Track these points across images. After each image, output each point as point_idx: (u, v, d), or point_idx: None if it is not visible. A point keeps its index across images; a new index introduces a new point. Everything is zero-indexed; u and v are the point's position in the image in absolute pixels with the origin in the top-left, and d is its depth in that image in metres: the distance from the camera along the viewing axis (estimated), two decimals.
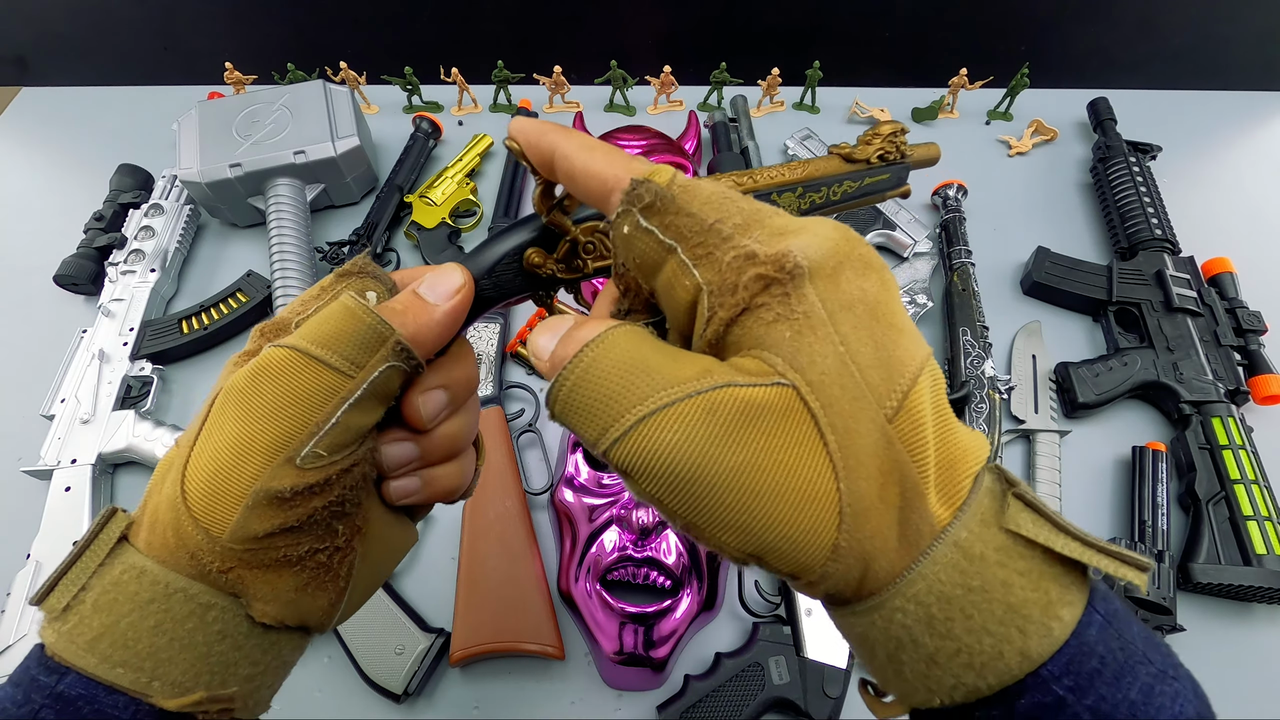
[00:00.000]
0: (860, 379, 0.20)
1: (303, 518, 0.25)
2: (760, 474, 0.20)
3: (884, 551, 0.20)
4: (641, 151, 0.78)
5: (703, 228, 0.22)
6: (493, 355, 0.69)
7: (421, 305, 0.27)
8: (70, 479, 0.62)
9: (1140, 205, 0.77)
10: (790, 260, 0.21)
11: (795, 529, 0.20)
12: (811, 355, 0.20)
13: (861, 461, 0.20)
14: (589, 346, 0.22)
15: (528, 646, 0.54)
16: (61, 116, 0.97)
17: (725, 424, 0.20)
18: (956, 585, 0.20)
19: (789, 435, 0.20)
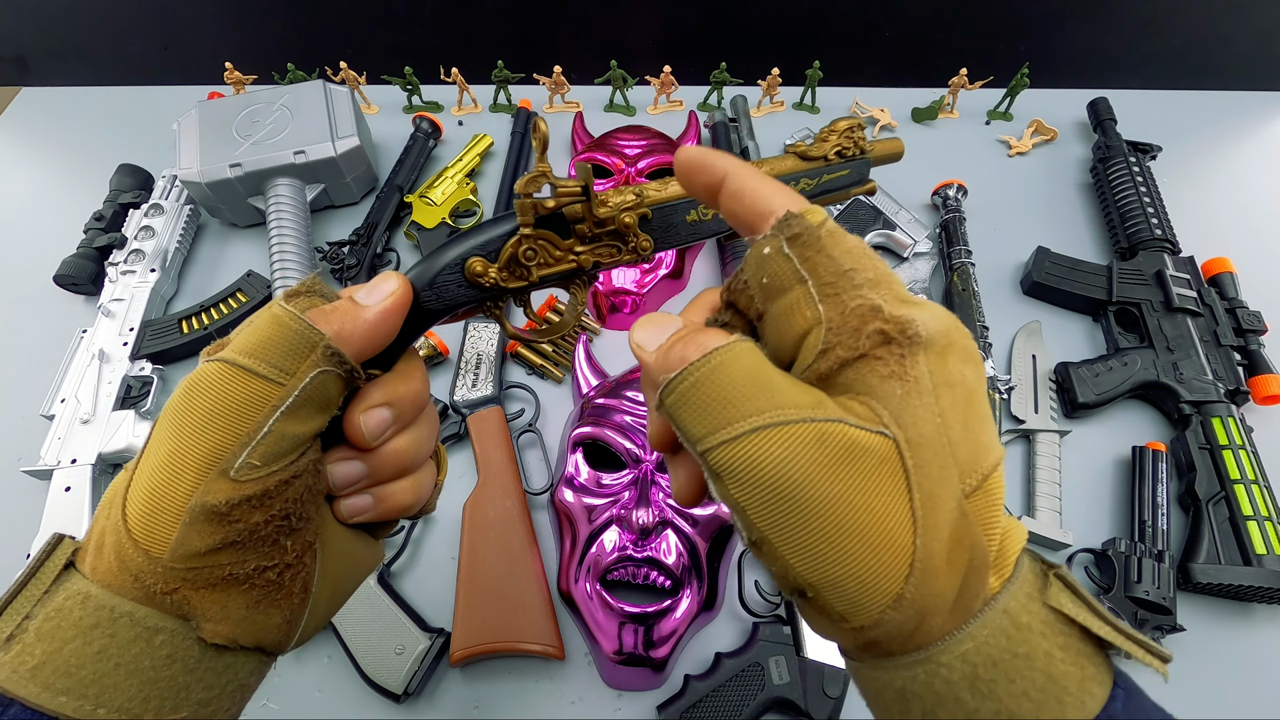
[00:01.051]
0: (950, 451, 0.22)
1: (244, 533, 0.24)
2: (850, 509, 0.21)
3: (941, 610, 0.21)
4: (641, 151, 0.78)
5: (838, 271, 0.23)
6: (493, 355, 0.69)
7: (351, 307, 0.27)
8: (70, 479, 0.62)
9: (1140, 205, 0.77)
10: (913, 327, 0.22)
11: (867, 570, 0.21)
12: (915, 417, 0.22)
13: (939, 524, 0.21)
14: (719, 351, 0.23)
15: (528, 646, 0.54)
16: (61, 116, 0.97)
17: (831, 455, 0.21)
18: (1004, 650, 0.21)
19: (883, 482, 0.21)
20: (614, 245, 0.32)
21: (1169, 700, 0.22)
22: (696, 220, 0.33)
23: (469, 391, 0.67)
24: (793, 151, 0.35)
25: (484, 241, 0.30)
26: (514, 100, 0.94)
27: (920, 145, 0.91)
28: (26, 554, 0.58)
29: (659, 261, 0.73)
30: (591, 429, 0.60)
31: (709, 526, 0.57)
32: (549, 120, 0.94)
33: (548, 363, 0.71)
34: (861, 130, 0.36)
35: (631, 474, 0.58)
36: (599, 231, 0.31)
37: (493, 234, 0.30)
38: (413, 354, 0.31)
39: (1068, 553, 0.61)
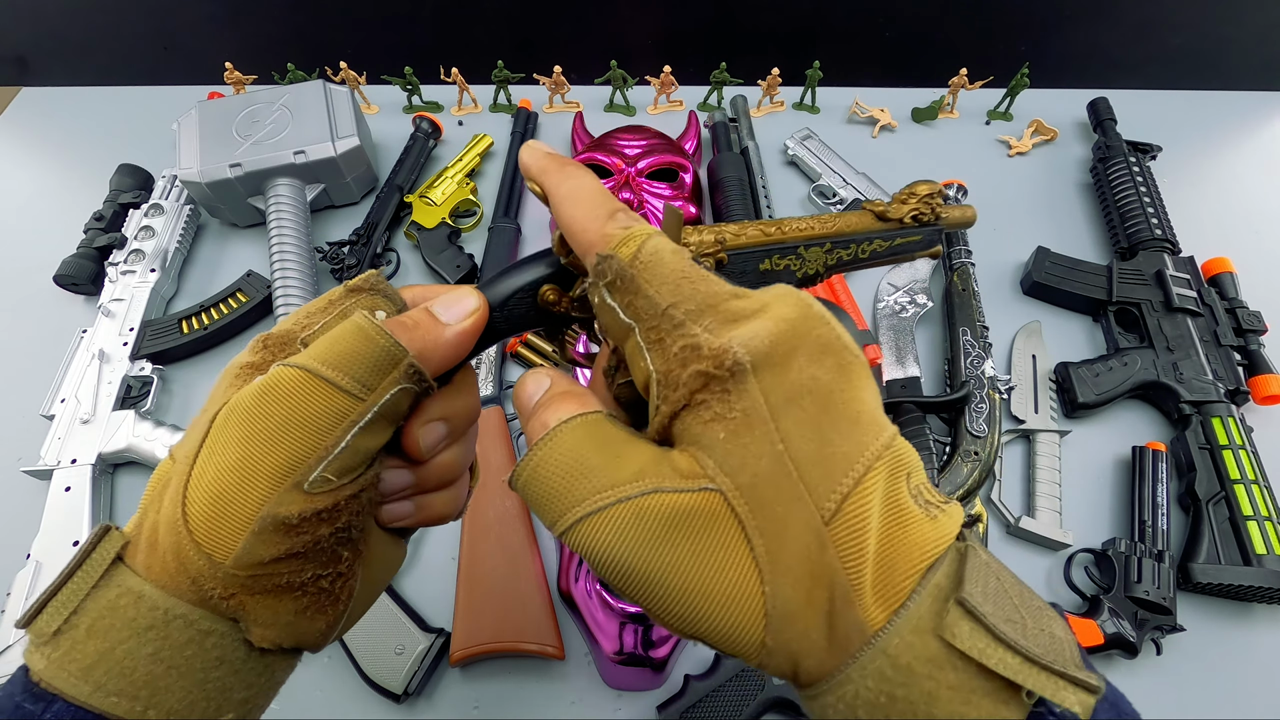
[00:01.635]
0: (798, 479, 0.21)
1: (309, 544, 0.24)
2: (686, 574, 0.21)
3: (811, 652, 0.20)
4: (641, 151, 0.78)
5: (657, 312, 0.22)
6: (493, 355, 0.69)
7: (434, 324, 0.27)
8: (70, 479, 0.62)
9: (1140, 205, 0.77)
10: (730, 357, 0.21)
11: (724, 624, 0.21)
12: (744, 458, 0.21)
13: (789, 566, 0.20)
14: (543, 441, 0.24)
15: (528, 646, 0.54)
16: (61, 116, 0.97)
17: (652, 529, 0.21)
18: (881, 694, 0.20)
19: (714, 539, 0.21)
20: None
21: (1169, 700, 0.22)
22: (768, 270, 0.33)
23: None
24: (870, 210, 0.35)
25: (556, 270, 0.30)
26: (514, 100, 0.94)
27: (920, 145, 0.91)
28: (26, 554, 0.58)
29: None
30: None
31: None
32: (548, 120, 0.94)
33: (548, 363, 0.71)
34: (940, 197, 0.36)
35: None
36: None
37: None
38: (468, 369, 0.31)
39: (1068, 553, 0.61)
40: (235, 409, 0.24)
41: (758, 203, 0.78)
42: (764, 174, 0.82)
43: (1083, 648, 0.21)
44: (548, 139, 0.92)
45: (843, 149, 0.86)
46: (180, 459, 0.25)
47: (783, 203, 0.84)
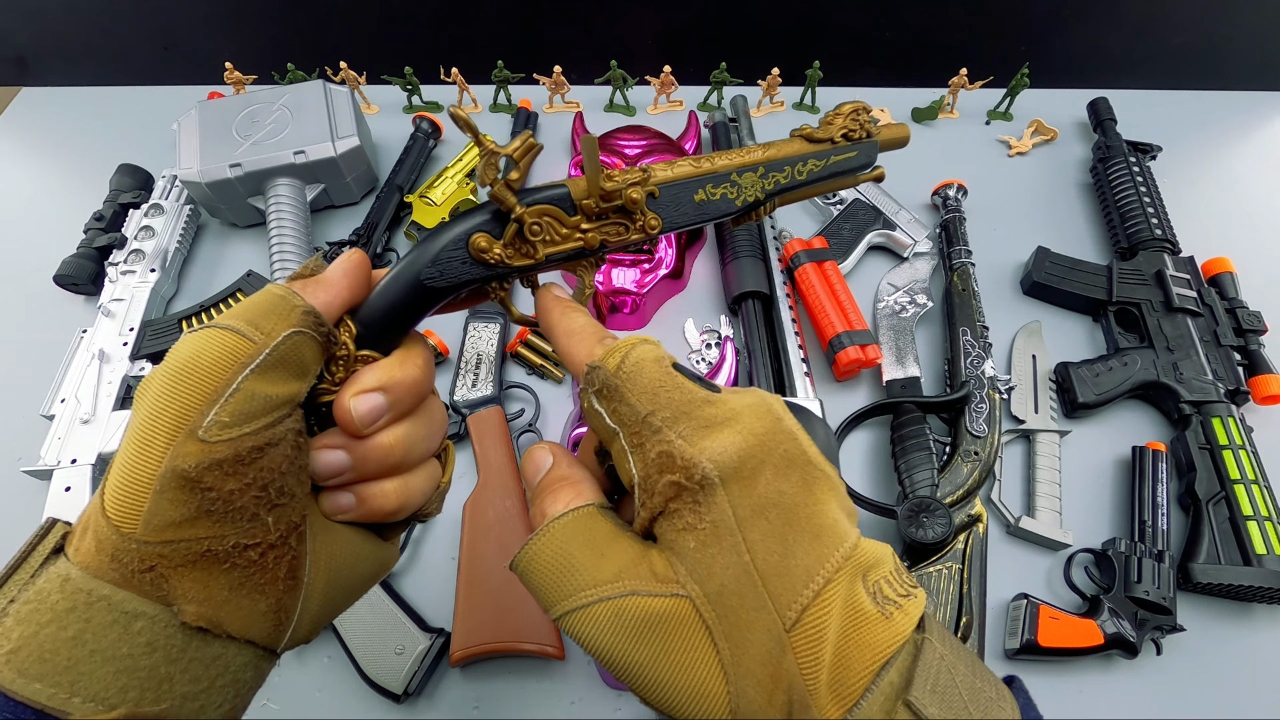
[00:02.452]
0: (762, 588, 0.22)
1: (217, 502, 0.23)
2: (659, 671, 0.22)
3: None
4: (641, 151, 0.78)
5: (638, 419, 0.24)
6: (493, 355, 0.69)
7: (327, 274, 0.28)
8: (70, 479, 0.62)
9: (1140, 205, 0.77)
10: (699, 471, 0.23)
11: (694, 716, 0.22)
12: (712, 567, 0.22)
13: (751, 669, 0.22)
14: (538, 535, 0.26)
15: (528, 646, 0.54)
16: (61, 116, 0.97)
17: (629, 627, 0.23)
18: None
19: (684, 641, 0.22)
20: (621, 224, 0.31)
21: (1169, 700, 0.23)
22: (704, 200, 0.33)
23: (469, 391, 0.67)
24: (798, 135, 0.35)
25: (489, 218, 0.30)
26: (514, 100, 0.94)
27: (920, 145, 0.91)
28: None
29: (659, 262, 0.73)
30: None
31: None
32: (548, 120, 0.94)
33: (548, 362, 0.71)
34: (868, 113, 0.36)
35: None
36: (605, 208, 0.30)
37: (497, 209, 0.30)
38: (416, 339, 0.30)
39: (1068, 553, 0.61)
40: (143, 381, 0.25)
41: None
42: None
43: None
44: (548, 139, 0.92)
45: None
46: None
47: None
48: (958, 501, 0.60)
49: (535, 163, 0.89)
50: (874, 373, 0.70)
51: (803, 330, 0.70)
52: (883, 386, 0.68)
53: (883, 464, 0.66)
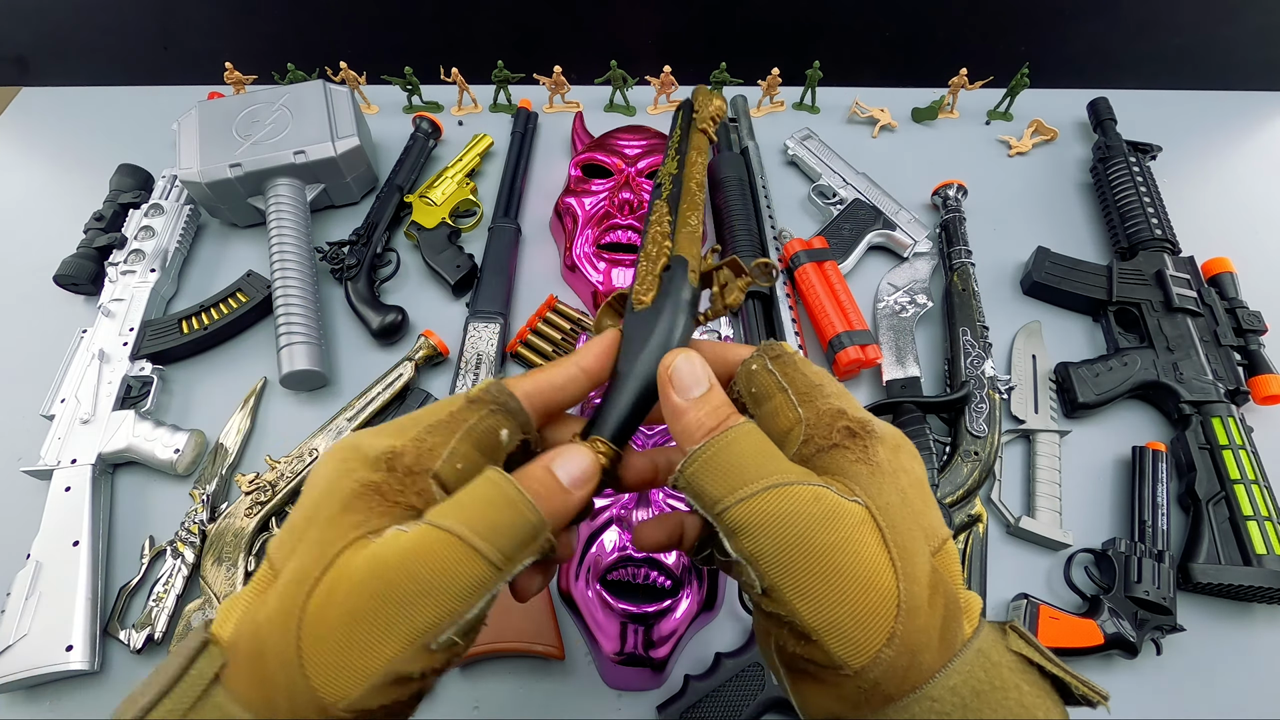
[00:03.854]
0: (914, 518, 0.26)
1: (415, 692, 0.25)
2: (844, 556, 0.24)
3: (929, 646, 0.24)
4: (641, 151, 0.78)
5: (810, 385, 0.30)
6: (493, 355, 0.69)
7: (560, 492, 0.28)
8: (70, 479, 0.62)
9: (1140, 205, 0.77)
10: (871, 425, 0.28)
11: (862, 609, 0.24)
12: (881, 490, 0.26)
13: (916, 574, 0.25)
14: (734, 429, 0.28)
15: (528, 646, 0.54)
16: (61, 116, 0.97)
17: (825, 512, 0.25)
18: (984, 682, 0.24)
19: (865, 537, 0.25)
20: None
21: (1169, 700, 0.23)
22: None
23: None
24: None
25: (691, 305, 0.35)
26: (514, 100, 0.94)
27: (920, 145, 0.91)
28: (26, 554, 0.58)
29: None
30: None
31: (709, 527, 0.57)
32: (548, 120, 0.94)
33: (548, 363, 0.71)
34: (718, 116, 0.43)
35: None
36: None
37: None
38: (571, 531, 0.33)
39: (1068, 553, 0.61)
40: (378, 565, 0.24)
41: (758, 203, 0.78)
42: (764, 174, 0.82)
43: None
44: (548, 139, 0.92)
45: (843, 149, 0.86)
46: (290, 577, 0.25)
47: (783, 203, 0.84)
48: (958, 501, 0.60)
49: (536, 163, 0.90)
50: (874, 373, 0.70)
51: (803, 330, 0.70)
52: (883, 386, 0.68)
53: None
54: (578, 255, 0.74)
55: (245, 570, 0.58)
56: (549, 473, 0.28)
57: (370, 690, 0.23)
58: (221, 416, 0.68)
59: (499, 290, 0.73)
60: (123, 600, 0.58)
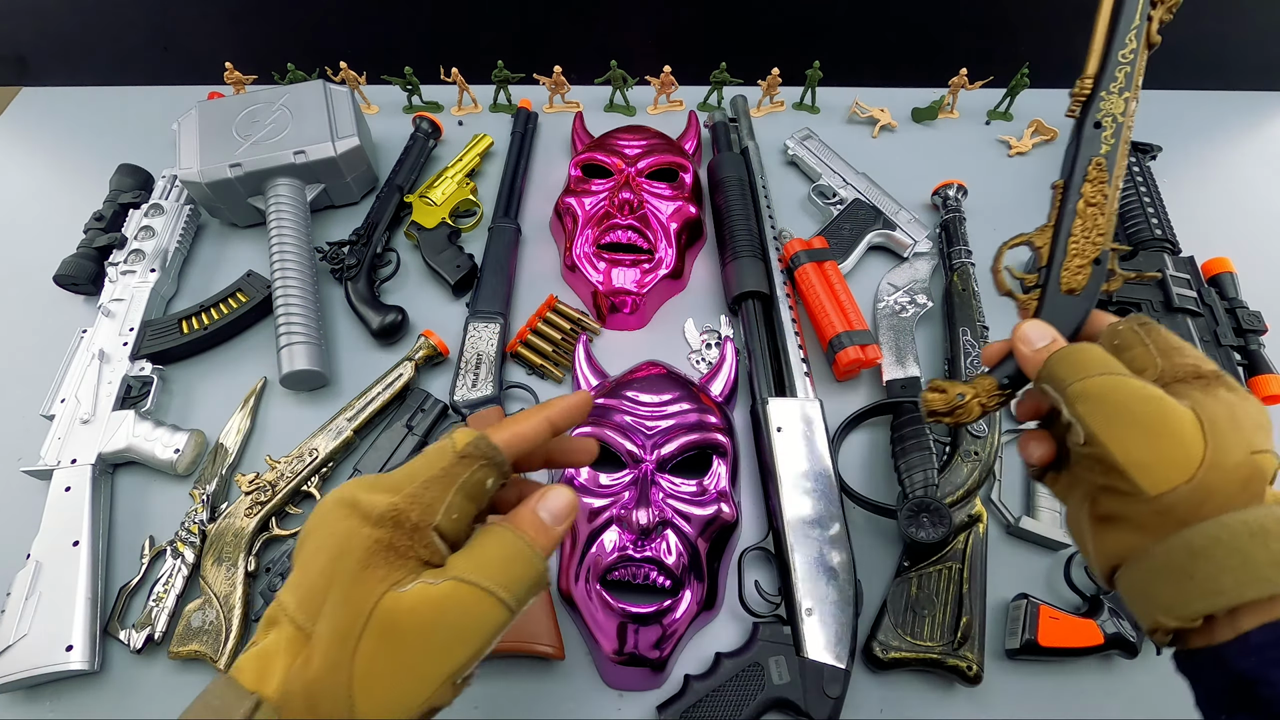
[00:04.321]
0: (1237, 428, 0.32)
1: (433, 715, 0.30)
2: (1155, 418, 0.32)
3: (1224, 491, 0.31)
4: (641, 151, 0.78)
5: (1171, 346, 0.36)
6: (493, 355, 0.69)
7: (545, 530, 0.32)
8: (70, 479, 0.62)
9: (1140, 205, 0.77)
10: (1224, 377, 0.34)
11: (1166, 453, 0.31)
12: (1211, 406, 0.32)
13: (1227, 450, 0.31)
14: (1085, 343, 0.37)
15: (528, 646, 0.54)
16: (61, 116, 0.97)
17: (1147, 394, 0.33)
18: (1277, 520, 0.30)
19: (1180, 418, 0.32)
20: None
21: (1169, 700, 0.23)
22: None
23: (469, 391, 0.67)
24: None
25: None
26: (514, 100, 0.94)
27: (920, 145, 0.91)
28: (26, 554, 0.58)
29: (659, 261, 0.73)
30: (591, 429, 0.60)
31: (709, 526, 0.57)
32: (548, 120, 0.94)
33: (548, 363, 0.71)
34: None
35: (631, 474, 0.58)
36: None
37: None
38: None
39: (1068, 553, 0.61)
40: (416, 617, 0.28)
41: (758, 203, 0.78)
42: (764, 174, 0.82)
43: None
44: (548, 139, 0.92)
45: (843, 149, 0.86)
46: (330, 636, 0.28)
47: (783, 203, 0.84)
48: (958, 501, 0.60)
49: (536, 163, 0.90)
50: (874, 373, 0.70)
51: (803, 330, 0.70)
52: (883, 386, 0.68)
53: (883, 464, 0.66)
54: (578, 255, 0.74)
55: (245, 570, 0.58)
56: (536, 515, 0.32)
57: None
58: (221, 416, 0.68)
59: (499, 290, 0.73)
60: (123, 600, 0.58)
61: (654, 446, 0.59)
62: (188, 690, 0.55)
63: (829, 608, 0.54)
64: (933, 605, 0.56)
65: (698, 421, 0.60)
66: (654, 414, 0.61)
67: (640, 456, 0.58)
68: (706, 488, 0.59)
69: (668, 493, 0.57)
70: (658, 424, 0.60)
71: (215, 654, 0.55)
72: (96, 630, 0.56)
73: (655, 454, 0.58)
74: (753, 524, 0.62)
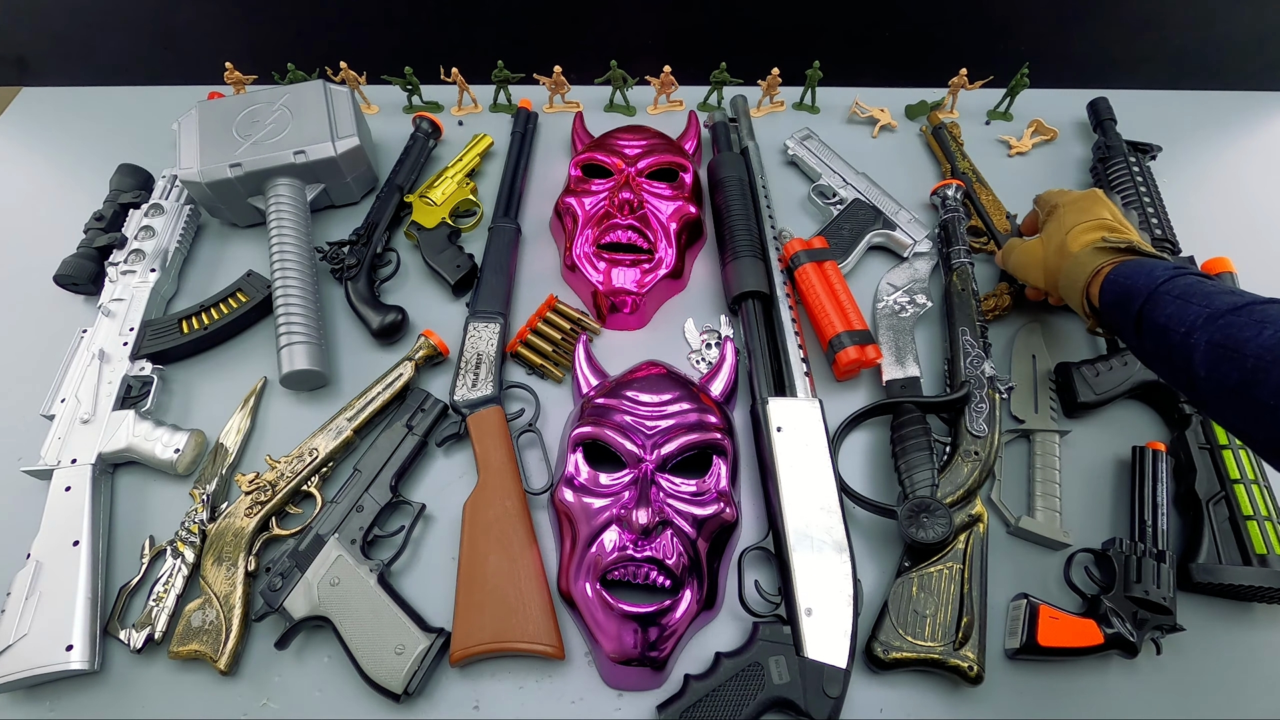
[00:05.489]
0: (1061, 230, 0.63)
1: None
2: (1028, 248, 0.67)
3: (1055, 258, 0.63)
4: (641, 151, 0.78)
5: (1043, 201, 0.69)
6: (493, 355, 0.69)
7: None
8: (70, 479, 0.62)
9: (1140, 205, 0.77)
10: (1060, 204, 0.65)
11: (1030, 269, 0.66)
12: (1047, 227, 0.66)
13: (1049, 249, 0.64)
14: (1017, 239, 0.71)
15: (528, 646, 0.54)
16: (61, 116, 0.97)
17: (1021, 244, 0.69)
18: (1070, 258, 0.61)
19: (1031, 245, 0.67)
20: None
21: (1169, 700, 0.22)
22: None
23: (469, 391, 0.67)
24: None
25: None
26: (514, 100, 0.94)
27: (920, 145, 0.91)
28: (26, 554, 0.58)
29: (659, 261, 0.73)
30: (592, 429, 0.60)
31: (709, 526, 0.57)
32: (548, 120, 0.94)
33: (548, 363, 0.71)
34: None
35: (631, 474, 0.58)
36: None
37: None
38: None
39: (1068, 553, 0.61)
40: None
41: (758, 203, 0.78)
42: (764, 174, 0.82)
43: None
44: (548, 139, 0.92)
45: (843, 149, 0.86)
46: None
47: (783, 203, 0.84)
48: (958, 501, 0.60)
49: (536, 163, 0.90)
50: (874, 373, 0.70)
51: (803, 330, 0.70)
52: (883, 386, 0.68)
53: (883, 464, 0.66)
54: (578, 255, 0.74)
55: (245, 570, 0.58)
56: None
57: None
58: (221, 416, 0.68)
59: (499, 290, 0.73)
60: (123, 600, 0.58)
61: (654, 446, 0.59)
62: (188, 690, 0.56)
63: (829, 608, 0.54)
64: (934, 605, 0.56)
65: (698, 421, 0.60)
66: (654, 414, 0.61)
67: (640, 456, 0.58)
68: (706, 488, 0.59)
69: (668, 492, 0.57)
70: (658, 424, 0.60)
71: (215, 654, 0.55)
72: (96, 630, 0.56)
73: (655, 454, 0.58)
74: (753, 524, 0.62)
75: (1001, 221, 0.79)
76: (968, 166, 0.84)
